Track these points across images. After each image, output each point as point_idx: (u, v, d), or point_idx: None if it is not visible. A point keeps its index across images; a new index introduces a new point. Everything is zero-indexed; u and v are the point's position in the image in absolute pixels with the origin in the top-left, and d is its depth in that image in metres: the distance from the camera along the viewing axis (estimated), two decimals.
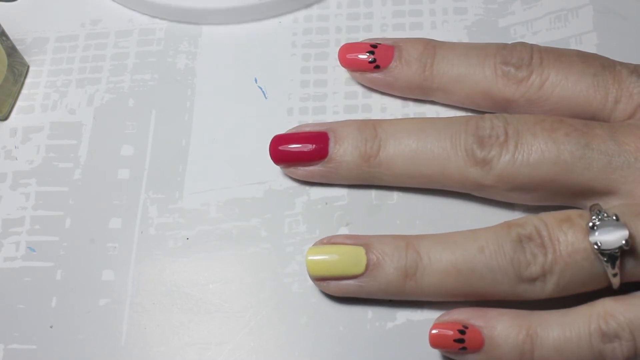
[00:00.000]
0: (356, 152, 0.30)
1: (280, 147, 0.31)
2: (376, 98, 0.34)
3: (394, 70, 0.32)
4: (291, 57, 0.36)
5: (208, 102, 0.35)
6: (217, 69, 0.36)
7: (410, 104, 0.34)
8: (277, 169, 0.33)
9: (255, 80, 0.35)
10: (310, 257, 0.29)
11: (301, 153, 0.31)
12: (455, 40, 0.35)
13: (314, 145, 0.31)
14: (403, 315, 0.29)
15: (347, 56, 0.33)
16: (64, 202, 0.33)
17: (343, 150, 0.30)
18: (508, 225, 0.27)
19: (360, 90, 0.34)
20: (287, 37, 0.36)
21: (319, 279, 0.29)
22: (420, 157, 0.30)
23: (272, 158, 0.32)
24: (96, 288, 0.31)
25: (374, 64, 0.32)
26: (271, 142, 0.31)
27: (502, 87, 0.30)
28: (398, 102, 0.34)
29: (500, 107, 0.31)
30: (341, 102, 0.34)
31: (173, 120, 0.34)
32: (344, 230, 0.31)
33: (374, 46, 0.33)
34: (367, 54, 0.33)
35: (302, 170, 0.31)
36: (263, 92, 0.35)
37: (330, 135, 0.31)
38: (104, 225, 0.32)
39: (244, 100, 0.35)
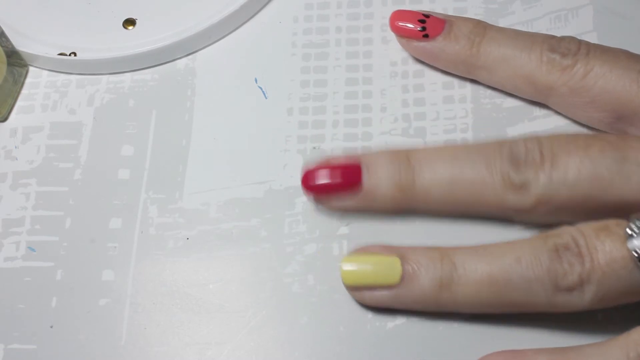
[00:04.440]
0: (391, 182, 0.29)
1: (312, 183, 0.30)
2: (376, 98, 0.34)
3: (442, 42, 0.32)
4: (291, 57, 0.35)
5: (208, 102, 0.35)
6: (217, 69, 0.36)
7: (411, 104, 0.34)
8: (277, 169, 0.33)
9: (255, 80, 0.35)
10: (345, 267, 0.28)
11: (335, 186, 0.30)
12: None
13: (347, 179, 0.29)
14: (403, 315, 0.29)
15: (398, 23, 0.33)
16: (64, 202, 0.33)
17: (377, 181, 0.29)
18: (545, 236, 0.27)
19: (360, 90, 0.34)
20: (287, 37, 0.36)
21: (353, 289, 0.29)
22: (457, 185, 0.29)
23: (305, 193, 0.31)
24: (96, 288, 0.31)
25: (423, 33, 0.32)
26: (303, 178, 0.30)
27: (545, 73, 0.30)
28: (398, 102, 0.34)
29: (541, 93, 0.31)
30: (341, 102, 0.34)
31: (173, 120, 0.34)
32: (344, 230, 0.31)
33: (426, 16, 0.33)
34: (418, 22, 0.33)
35: (336, 204, 0.30)
36: (263, 92, 0.35)
37: (363, 167, 0.30)
38: (104, 225, 0.32)
39: (244, 100, 0.35)
